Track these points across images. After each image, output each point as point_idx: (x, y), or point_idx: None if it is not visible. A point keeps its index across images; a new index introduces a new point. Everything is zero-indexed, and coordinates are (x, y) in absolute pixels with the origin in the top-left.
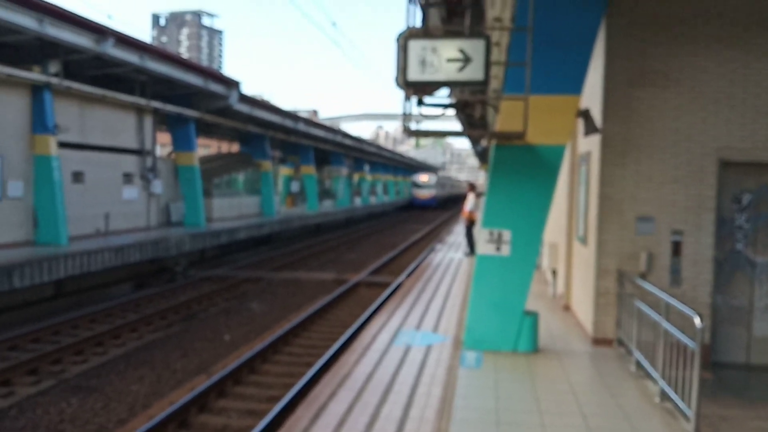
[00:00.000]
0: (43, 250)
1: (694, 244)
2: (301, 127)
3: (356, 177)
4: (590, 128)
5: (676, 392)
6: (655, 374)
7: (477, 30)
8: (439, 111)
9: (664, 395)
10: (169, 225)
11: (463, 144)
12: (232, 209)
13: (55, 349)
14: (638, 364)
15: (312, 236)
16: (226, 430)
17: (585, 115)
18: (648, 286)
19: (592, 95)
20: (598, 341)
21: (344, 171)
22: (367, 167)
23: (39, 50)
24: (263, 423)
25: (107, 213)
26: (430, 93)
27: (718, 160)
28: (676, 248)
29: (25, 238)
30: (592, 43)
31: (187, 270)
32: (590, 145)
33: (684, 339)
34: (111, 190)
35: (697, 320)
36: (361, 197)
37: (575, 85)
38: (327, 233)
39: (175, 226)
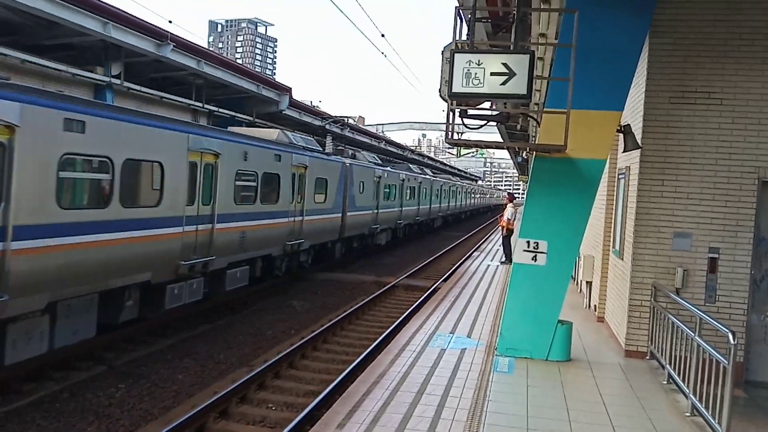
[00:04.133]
0: None
1: (730, 261)
2: (348, 133)
3: None
4: (630, 144)
5: (706, 408)
6: (687, 389)
7: (521, 45)
8: (481, 122)
9: (694, 410)
10: None
11: (503, 155)
12: None
13: (108, 337)
14: (670, 378)
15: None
16: (265, 421)
17: (625, 131)
18: (682, 302)
19: (633, 111)
20: (631, 353)
21: None
22: None
23: (103, 52)
24: (301, 416)
25: None
26: (473, 105)
27: (758, 179)
28: (713, 265)
29: None
30: (635, 61)
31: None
32: (629, 160)
33: (717, 355)
34: None
35: (730, 338)
36: None
37: (617, 102)
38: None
39: None
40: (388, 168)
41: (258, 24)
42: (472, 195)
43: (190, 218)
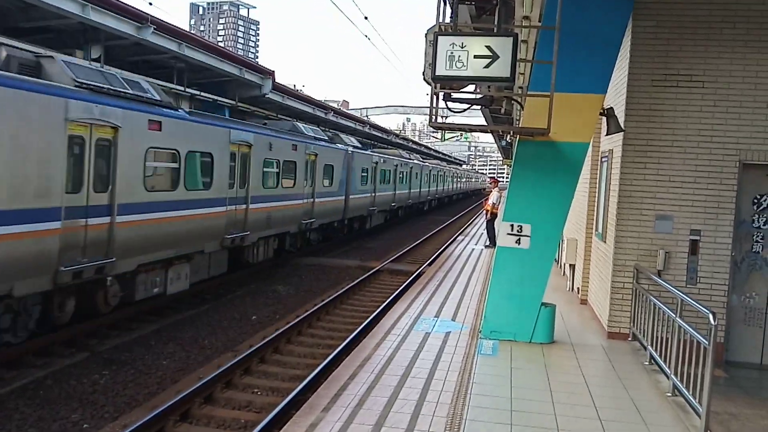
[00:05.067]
0: None
1: (711, 243)
2: (331, 117)
3: None
4: (613, 127)
5: (687, 388)
6: (668, 370)
7: (505, 28)
8: (465, 106)
9: (675, 390)
10: None
11: (488, 138)
12: None
13: (90, 323)
14: (652, 359)
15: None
16: (251, 406)
17: (608, 114)
18: (664, 284)
19: (616, 94)
20: (613, 335)
21: None
22: None
23: (82, 35)
24: (286, 400)
25: None
26: (457, 88)
27: (739, 162)
28: (694, 247)
29: None
30: (618, 44)
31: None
32: (612, 143)
33: (698, 336)
34: None
35: (710, 318)
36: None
37: (600, 85)
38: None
39: None
40: (180, 112)
41: (240, 6)
42: (442, 179)
43: None
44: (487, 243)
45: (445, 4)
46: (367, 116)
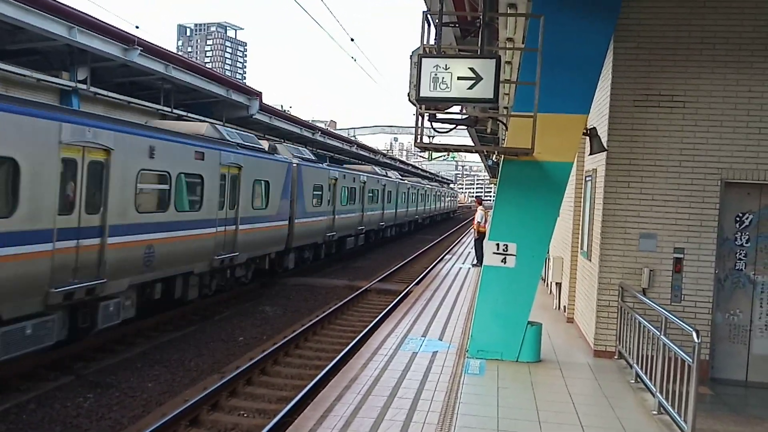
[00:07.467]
0: None
1: (695, 261)
2: (318, 137)
3: None
4: (596, 147)
5: (673, 406)
6: (653, 387)
7: (489, 50)
8: (450, 126)
9: (661, 408)
10: None
11: (475, 158)
12: None
13: (76, 346)
14: (637, 377)
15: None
16: (237, 429)
17: (591, 133)
18: (648, 302)
19: (598, 115)
20: (599, 353)
21: None
22: None
23: (68, 57)
24: (272, 423)
25: None
26: (441, 109)
27: (721, 181)
28: (678, 265)
29: None
30: (600, 65)
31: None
32: (596, 163)
33: (682, 354)
34: None
35: (694, 336)
36: None
37: (582, 105)
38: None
39: None
40: None
41: (227, 28)
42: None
43: None
44: (474, 262)
45: (429, 26)
46: (354, 136)
